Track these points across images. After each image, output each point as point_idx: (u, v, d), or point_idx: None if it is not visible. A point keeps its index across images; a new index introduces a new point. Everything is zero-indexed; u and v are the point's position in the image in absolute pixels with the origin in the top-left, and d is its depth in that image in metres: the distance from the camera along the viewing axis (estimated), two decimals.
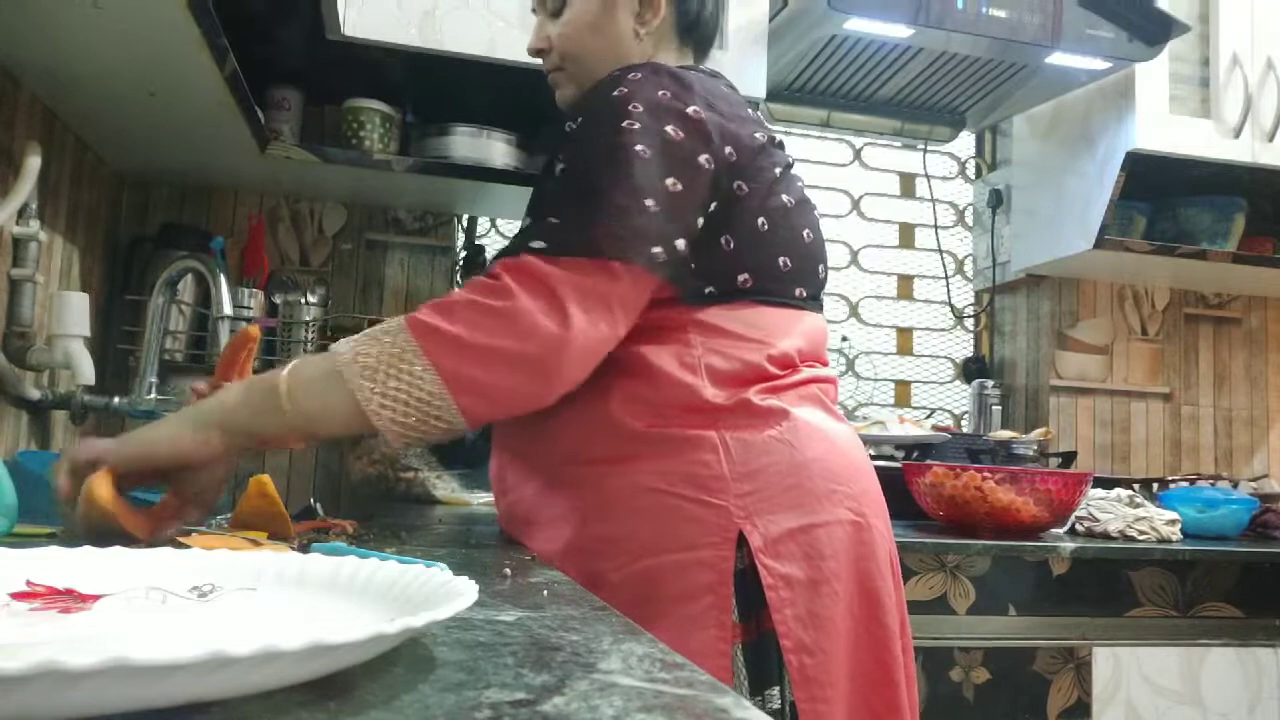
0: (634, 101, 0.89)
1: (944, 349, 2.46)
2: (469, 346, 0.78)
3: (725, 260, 0.92)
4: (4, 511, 0.77)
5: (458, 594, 0.45)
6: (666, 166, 0.87)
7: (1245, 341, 2.45)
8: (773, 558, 0.85)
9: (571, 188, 0.88)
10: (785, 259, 0.95)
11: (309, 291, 1.83)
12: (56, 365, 1.32)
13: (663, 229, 0.86)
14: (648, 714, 0.35)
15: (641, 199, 0.85)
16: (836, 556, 0.88)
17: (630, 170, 0.85)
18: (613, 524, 0.89)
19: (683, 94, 0.91)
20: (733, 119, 0.94)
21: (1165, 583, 1.59)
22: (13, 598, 0.49)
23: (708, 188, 0.90)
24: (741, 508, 0.86)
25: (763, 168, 0.95)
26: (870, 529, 0.92)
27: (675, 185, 0.87)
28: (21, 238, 1.26)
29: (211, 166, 1.73)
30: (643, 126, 0.87)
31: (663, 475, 0.88)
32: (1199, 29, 2.00)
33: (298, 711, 0.34)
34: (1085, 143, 2.09)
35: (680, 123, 0.89)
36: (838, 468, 0.92)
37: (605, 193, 0.85)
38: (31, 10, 1.04)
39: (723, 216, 0.92)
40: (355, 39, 1.55)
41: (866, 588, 0.90)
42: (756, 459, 0.88)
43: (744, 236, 0.93)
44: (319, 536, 0.87)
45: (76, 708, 0.31)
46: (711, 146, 0.90)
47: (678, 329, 0.91)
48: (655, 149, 0.87)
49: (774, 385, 0.93)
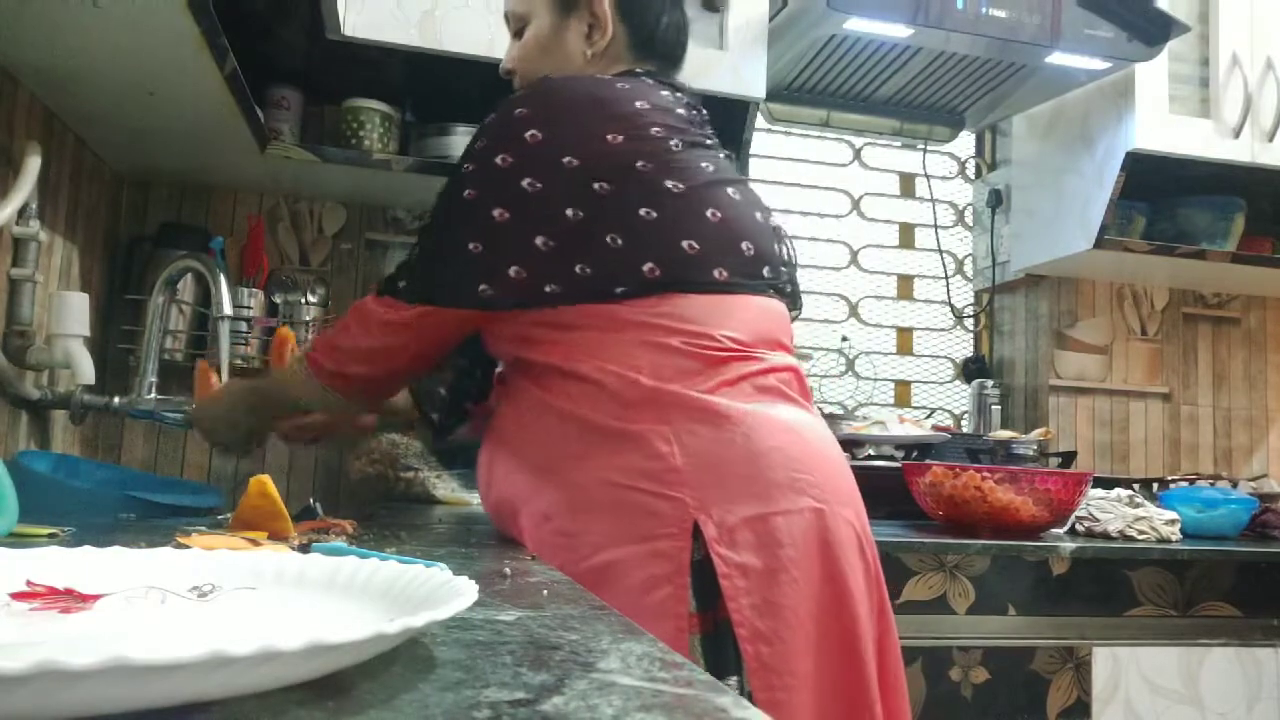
0: (483, 136, 0.99)
1: (944, 349, 2.46)
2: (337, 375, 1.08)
3: (622, 256, 0.94)
4: (4, 511, 0.77)
5: (458, 594, 0.45)
6: (492, 199, 0.95)
7: (1244, 341, 2.45)
8: (728, 547, 0.86)
9: (424, 233, 1.03)
10: (690, 242, 0.96)
11: (309, 291, 1.83)
12: (56, 365, 1.32)
13: (488, 266, 0.95)
14: (647, 713, 0.35)
15: (466, 244, 0.96)
16: (795, 544, 0.88)
17: (456, 216, 0.97)
18: (577, 518, 0.91)
19: (532, 115, 0.97)
20: (593, 121, 0.97)
21: (1165, 582, 1.59)
22: (13, 598, 0.49)
23: (548, 204, 0.94)
24: (696, 499, 0.88)
25: (629, 164, 0.96)
26: (834, 516, 0.92)
27: (502, 214, 0.94)
28: (21, 238, 1.26)
29: (211, 166, 1.73)
30: (477, 166, 0.98)
31: (621, 470, 0.90)
32: (1199, 29, 2.00)
33: (297, 711, 0.34)
34: (1085, 143, 2.09)
35: (511, 150, 0.96)
36: (799, 456, 0.93)
37: (440, 242, 0.99)
38: (31, 10, 1.04)
39: (596, 217, 0.94)
40: (355, 39, 1.55)
41: (832, 577, 0.90)
42: (710, 450, 0.90)
43: (630, 230, 0.94)
44: (319, 536, 0.87)
45: (76, 708, 0.31)
46: (539, 167, 0.95)
47: (613, 329, 0.94)
48: (482, 187, 0.96)
49: (726, 379, 0.94)
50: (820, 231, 2.39)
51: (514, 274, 0.94)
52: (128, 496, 1.07)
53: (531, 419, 0.98)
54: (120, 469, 1.50)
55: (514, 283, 0.95)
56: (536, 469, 0.97)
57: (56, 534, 0.80)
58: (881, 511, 0.99)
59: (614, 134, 0.97)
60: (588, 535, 0.90)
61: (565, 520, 0.92)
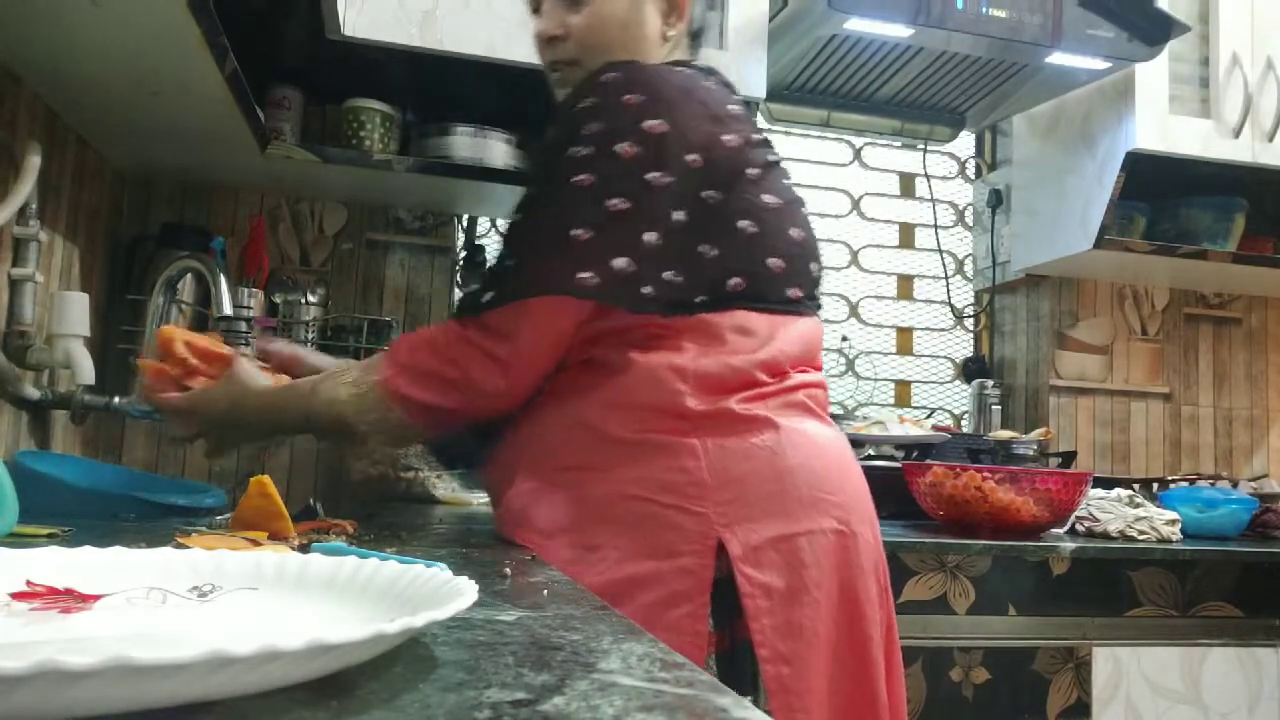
0: (593, 119, 0.91)
1: (944, 349, 2.46)
2: (439, 410, 0.93)
3: (711, 267, 0.92)
4: (4, 511, 0.76)
5: (458, 594, 0.45)
6: (610, 189, 0.89)
7: (1245, 341, 2.45)
8: (753, 566, 0.85)
9: (519, 226, 0.95)
10: (776, 260, 0.94)
11: (309, 291, 1.83)
12: (56, 365, 1.32)
13: (593, 253, 0.88)
14: (648, 713, 0.35)
15: (569, 230, 0.89)
16: (819, 565, 0.87)
17: (564, 203, 0.90)
18: (594, 530, 0.89)
19: (648, 103, 0.91)
20: (705, 121, 0.93)
21: (1165, 583, 1.59)
22: (13, 598, 0.49)
23: (665, 202, 0.90)
24: (722, 515, 0.86)
25: (739, 170, 0.94)
26: (855, 537, 0.91)
27: (619, 205, 0.88)
28: (22, 238, 1.26)
29: (212, 166, 1.73)
30: (592, 151, 0.90)
31: (642, 482, 0.88)
32: (1199, 29, 2.00)
33: (299, 711, 0.34)
34: (1085, 142, 2.09)
35: (634, 138, 0.89)
36: (824, 475, 0.92)
37: (540, 231, 0.92)
38: (32, 10, 1.04)
39: (697, 225, 0.91)
40: (355, 39, 1.55)
41: (849, 597, 0.90)
42: (737, 466, 0.88)
43: (727, 242, 0.92)
44: (319, 536, 0.87)
45: (77, 708, 0.31)
46: (667, 162, 0.90)
47: (671, 335, 0.91)
48: (600, 173, 0.89)
49: (760, 393, 0.92)
50: (820, 231, 2.38)
51: (620, 266, 0.89)
52: (128, 496, 1.07)
53: (549, 429, 0.95)
54: (120, 469, 1.50)
55: (618, 275, 0.89)
56: (552, 479, 0.94)
57: (56, 534, 0.80)
58: (882, 511, 0.99)
59: (729, 136, 0.94)
60: (606, 549, 0.88)
61: (582, 532, 0.90)
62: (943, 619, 1.49)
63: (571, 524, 0.90)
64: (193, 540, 0.71)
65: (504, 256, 0.94)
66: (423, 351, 0.93)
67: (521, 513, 0.96)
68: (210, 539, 0.72)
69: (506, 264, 0.93)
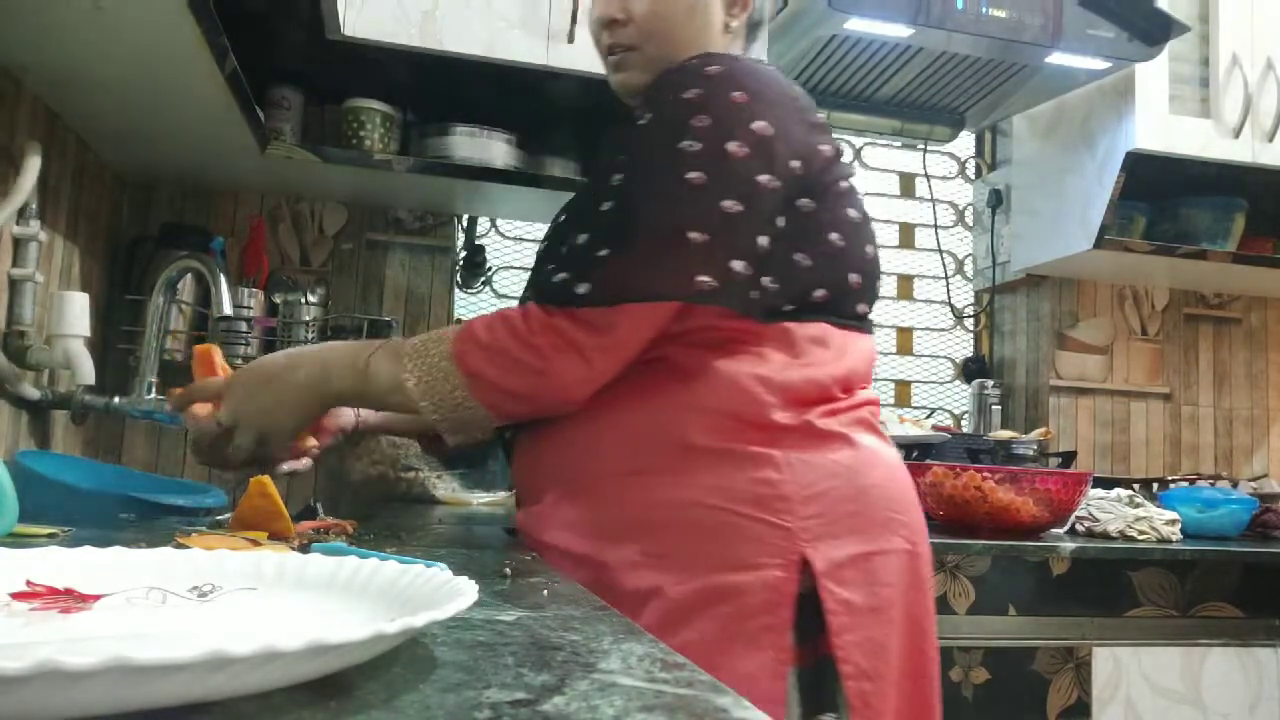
0: (701, 112, 0.86)
1: (944, 349, 2.46)
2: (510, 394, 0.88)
3: (803, 277, 0.90)
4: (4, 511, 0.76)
5: (458, 594, 0.45)
6: (724, 189, 0.85)
7: (1245, 341, 2.45)
8: (836, 583, 0.84)
9: (619, 215, 0.87)
10: (855, 275, 0.93)
11: (309, 291, 1.83)
12: (56, 365, 1.32)
13: (711, 256, 0.84)
14: (648, 714, 0.35)
15: (685, 232, 0.84)
16: (892, 584, 0.87)
17: (679, 200, 0.85)
18: (665, 536, 0.86)
19: (754, 103, 0.88)
20: (803, 128, 0.91)
21: (1165, 583, 1.59)
22: (13, 598, 0.49)
23: (772, 207, 0.88)
24: (806, 530, 0.85)
25: (831, 181, 0.92)
26: (920, 558, 0.92)
27: (733, 207, 0.85)
28: (22, 238, 1.26)
29: (212, 166, 1.73)
30: (703, 147, 0.85)
31: (721, 491, 0.85)
32: (1199, 29, 2.00)
33: (298, 711, 0.34)
34: (1085, 142, 2.09)
35: (745, 139, 0.86)
36: (895, 495, 0.91)
37: (649, 227, 0.85)
38: (32, 11, 1.04)
39: (794, 233, 0.89)
40: (355, 39, 1.55)
41: (914, 616, 0.90)
42: (820, 482, 0.87)
43: (819, 253, 0.91)
44: (319, 536, 0.87)
45: (76, 708, 0.31)
46: (775, 164, 0.87)
47: (751, 341, 0.89)
48: (713, 172, 0.85)
49: (834, 408, 0.91)
50: None
51: (737, 269, 0.85)
52: (128, 496, 1.07)
53: (610, 430, 0.90)
54: (120, 469, 1.50)
55: (736, 279, 0.86)
56: (614, 483, 0.89)
57: (56, 534, 0.80)
58: None
59: (825, 147, 0.93)
60: (678, 556, 0.85)
61: (652, 538, 0.86)
62: (943, 619, 1.49)
63: (639, 529, 0.87)
64: (193, 540, 0.71)
65: (592, 243, 0.87)
66: (501, 331, 0.87)
67: (573, 515, 0.91)
68: (210, 539, 0.72)
69: (599, 254, 0.86)
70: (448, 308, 2.01)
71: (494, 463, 1.77)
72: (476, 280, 2.10)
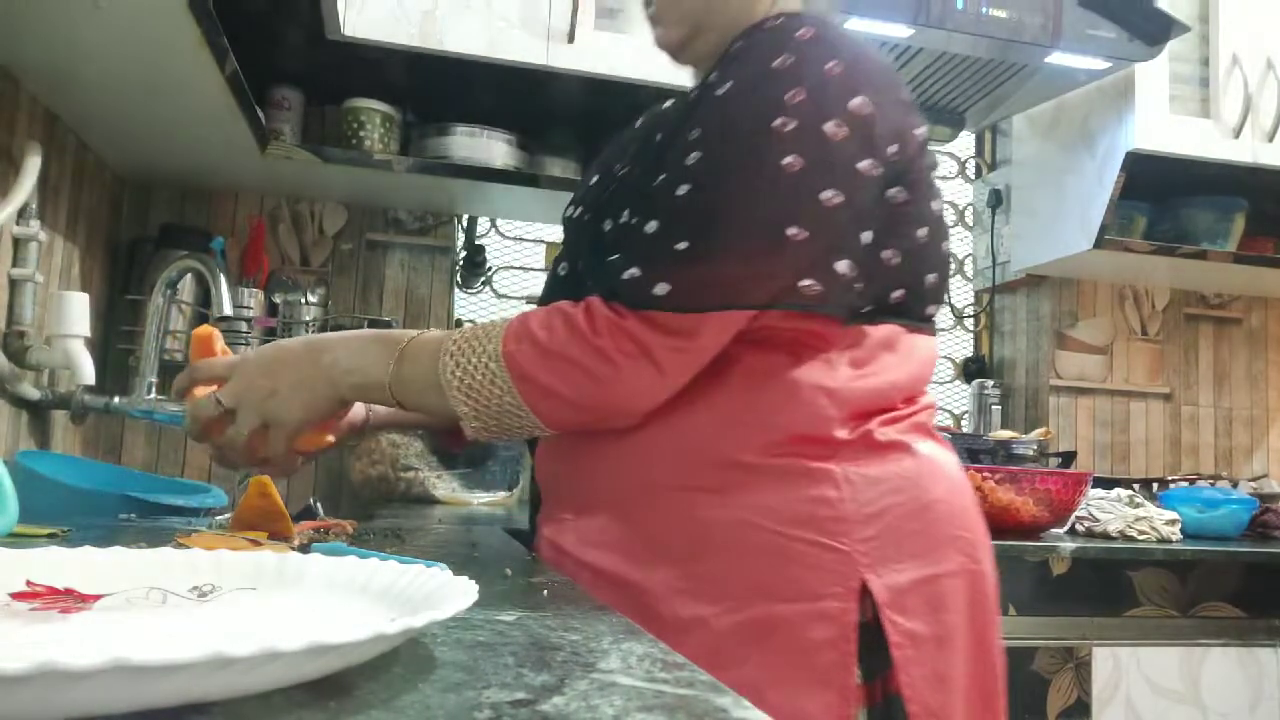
0: (795, 86, 0.75)
1: (944, 349, 2.46)
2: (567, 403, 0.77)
3: (887, 277, 0.81)
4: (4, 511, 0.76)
5: (458, 594, 0.45)
6: (824, 177, 0.75)
7: (1245, 341, 2.45)
8: (899, 612, 0.76)
9: (701, 204, 0.76)
10: (933, 275, 0.84)
11: (309, 291, 1.83)
12: (56, 365, 1.32)
13: (814, 256, 0.75)
14: (648, 713, 0.35)
15: (784, 228, 0.74)
16: (958, 609, 0.80)
17: (775, 190, 0.74)
18: (708, 561, 0.77)
19: (851, 75, 0.77)
20: (899, 106, 0.81)
21: (1165, 583, 1.59)
22: (13, 598, 0.49)
23: (873, 197, 0.78)
24: (865, 554, 0.76)
25: (922, 169, 0.83)
26: (984, 577, 0.84)
27: (834, 198, 0.75)
28: (21, 238, 1.26)
29: (212, 167, 1.73)
30: (798, 126, 0.74)
31: (772, 511, 0.77)
32: (1199, 29, 2.00)
33: (298, 711, 0.34)
34: (1085, 142, 2.09)
35: (844, 118, 0.75)
36: (958, 510, 0.83)
37: (741, 221, 0.75)
38: (32, 11, 1.04)
39: (885, 228, 0.80)
40: (355, 39, 1.55)
41: (981, 640, 0.83)
42: (881, 499, 0.78)
43: (907, 250, 0.81)
44: (319, 536, 0.87)
45: (76, 708, 0.31)
46: (876, 148, 0.77)
47: (821, 346, 0.80)
48: (811, 157, 0.74)
49: (894, 416, 0.82)
50: None
51: (843, 271, 0.76)
52: (128, 496, 1.07)
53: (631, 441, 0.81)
54: (120, 469, 1.50)
55: (841, 282, 0.77)
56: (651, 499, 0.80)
57: (56, 534, 0.80)
58: None
59: (919, 130, 0.82)
60: (724, 583, 0.76)
61: (694, 561, 0.77)
62: None
63: (680, 550, 0.78)
64: (193, 540, 0.71)
65: (667, 233, 0.76)
66: (562, 331, 0.75)
67: (607, 531, 0.82)
68: (210, 539, 0.72)
69: (677, 248, 0.75)
70: (448, 308, 2.01)
71: (494, 463, 1.78)
72: (476, 280, 2.10)
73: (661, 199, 0.77)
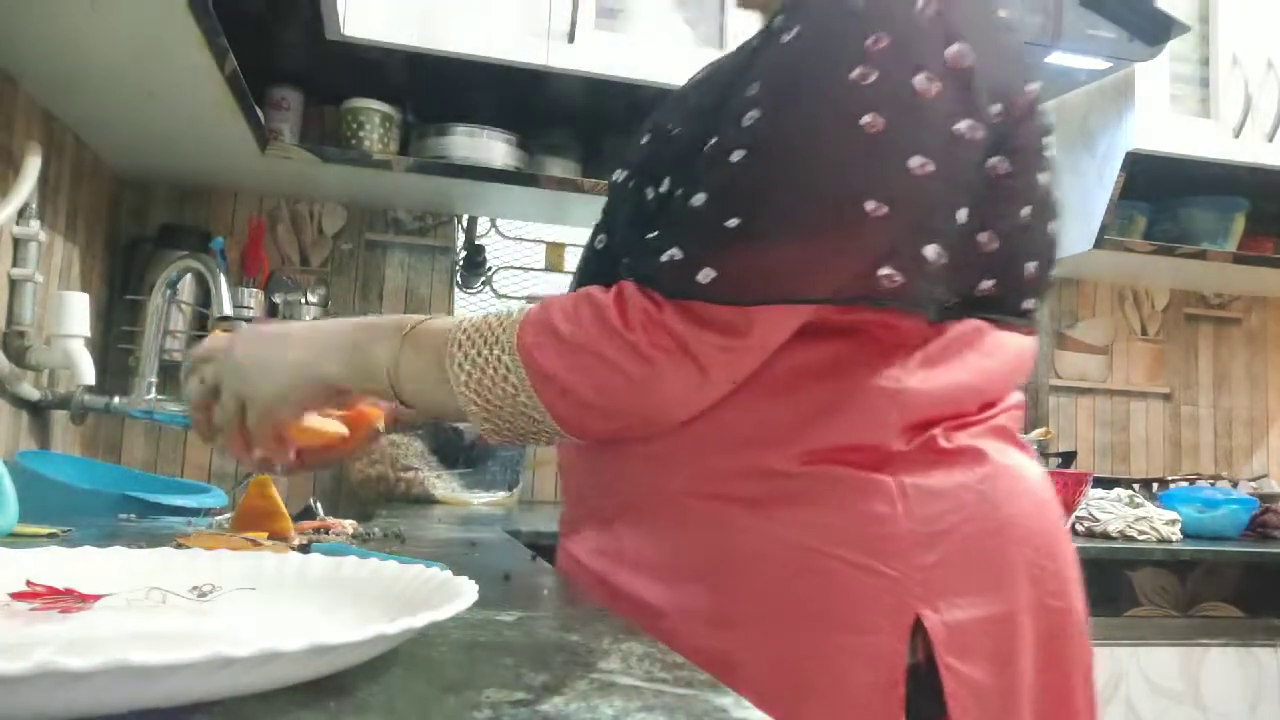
0: (878, 30, 0.62)
1: None
2: (592, 408, 0.65)
3: (980, 264, 0.68)
4: (4, 511, 0.76)
5: (458, 594, 0.45)
6: (910, 141, 0.62)
7: (1245, 341, 2.45)
8: (958, 655, 0.64)
9: (758, 172, 0.63)
10: (1032, 263, 0.70)
11: (309, 291, 1.83)
12: (56, 365, 1.32)
13: (894, 238, 0.62)
14: (648, 714, 0.35)
15: (860, 203, 0.61)
16: (1032, 657, 0.67)
17: (851, 156, 0.61)
18: (740, 585, 0.67)
19: (947, 16, 0.64)
20: (1006, 59, 0.67)
21: (1165, 583, 1.59)
22: (13, 598, 0.49)
23: (972, 167, 0.65)
24: (921, 583, 0.64)
25: (1030, 133, 0.69)
26: (1070, 618, 0.70)
27: (924, 167, 0.61)
28: (21, 238, 1.26)
29: (211, 166, 1.73)
30: (881, 78, 0.61)
31: (817, 528, 0.66)
32: (1199, 29, 2.00)
33: (298, 712, 0.34)
34: (1085, 142, 2.09)
35: (937, 70, 0.62)
36: (1040, 532, 0.70)
37: (807, 194, 0.62)
38: (31, 11, 1.04)
39: (983, 205, 0.66)
40: (355, 39, 1.55)
41: (1062, 698, 0.69)
42: (944, 516, 0.66)
43: (1006, 233, 0.68)
44: (319, 536, 0.87)
45: (76, 708, 0.31)
46: (976, 107, 0.64)
47: (890, 338, 0.68)
48: (895, 116, 0.61)
49: (966, 420, 0.70)
50: None
51: (932, 256, 0.63)
52: (128, 496, 1.07)
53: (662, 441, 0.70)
54: (120, 469, 1.50)
55: (929, 270, 0.63)
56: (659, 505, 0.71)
57: (56, 534, 0.80)
58: None
59: (1031, 85, 0.68)
60: (753, 609, 0.66)
61: (720, 582, 0.67)
62: None
63: (703, 570, 0.68)
64: (193, 540, 0.71)
65: (716, 207, 0.63)
66: (589, 322, 0.64)
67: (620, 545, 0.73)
68: (210, 539, 0.72)
69: (727, 225, 0.62)
70: (448, 308, 2.01)
71: (494, 463, 1.78)
72: (476, 280, 2.10)
73: (712, 166, 0.64)
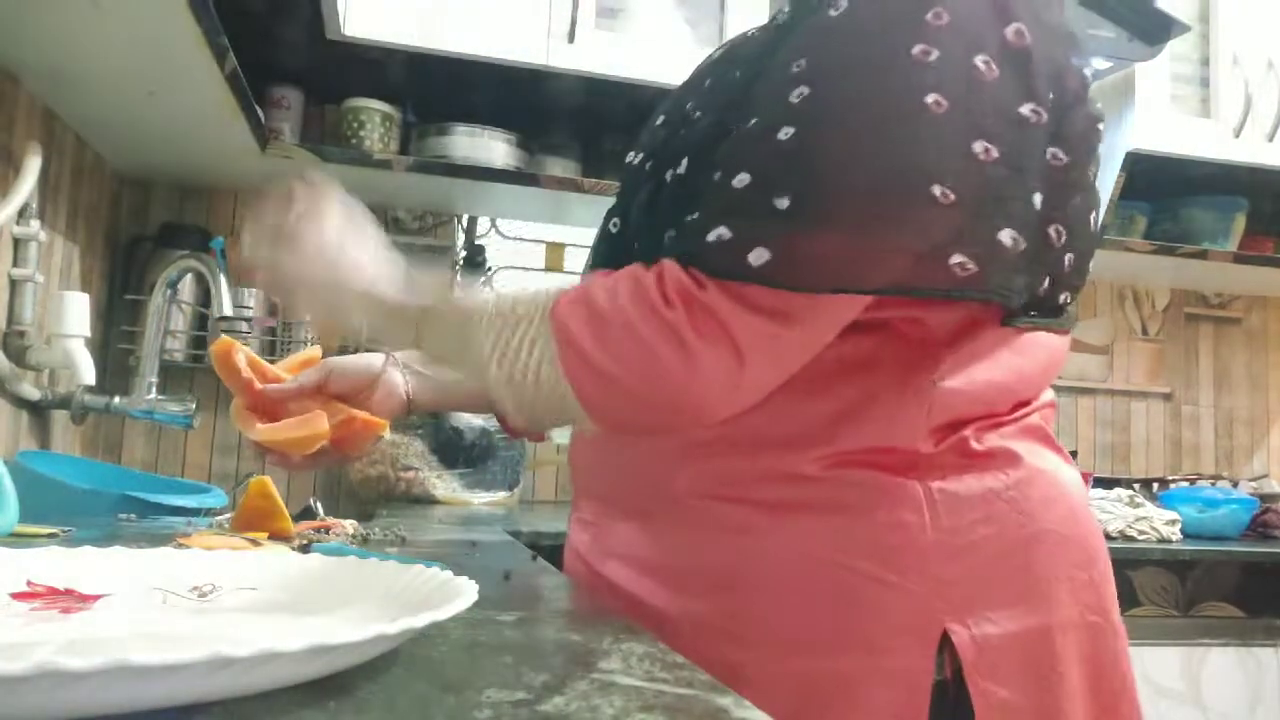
0: (938, 5, 0.58)
1: None
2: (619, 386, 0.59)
3: (1053, 258, 0.62)
4: (4, 511, 0.77)
5: (458, 594, 0.45)
6: (977, 122, 0.57)
7: (1246, 341, 2.45)
8: (988, 675, 0.60)
9: (810, 151, 0.57)
10: (1071, 255, 0.63)
11: None
12: (56, 365, 1.32)
13: (968, 223, 0.57)
14: (648, 713, 0.35)
15: (927, 185, 0.56)
16: (1070, 675, 0.64)
17: (914, 137, 0.56)
18: (753, 595, 0.63)
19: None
20: (1056, 34, 0.62)
21: (1165, 582, 1.59)
22: (13, 598, 0.49)
23: (1040, 151, 0.60)
24: (948, 596, 0.61)
25: (1082, 119, 0.63)
26: (1111, 635, 0.69)
27: (990, 151, 0.57)
28: (22, 238, 1.26)
29: (212, 166, 1.73)
30: (943, 56, 0.57)
31: (838, 537, 0.62)
32: (1199, 29, 2.00)
33: (298, 711, 0.34)
34: None
35: (995, 49, 0.58)
36: (1077, 541, 0.67)
37: (868, 175, 0.56)
38: (31, 10, 1.04)
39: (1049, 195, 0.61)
40: (355, 39, 1.55)
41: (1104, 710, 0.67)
42: (974, 526, 0.63)
43: (1067, 225, 0.63)
44: (319, 536, 0.87)
45: (77, 708, 0.31)
46: (1035, 91, 0.59)
47: (917, 333, 0.64)
48: (957, 99, 0.57)
49: (997, 421, 0.67)
50: None
51: (1007, 244, 0.58)
52: (128, 496, 1.07)
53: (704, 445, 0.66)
54: (120, 469, 1.50)
55: (1004, 258, 0.58)
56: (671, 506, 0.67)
57: (56, 534, 0.80)
58: None
59: (1084, 66, 0.63)
60: (769, 624, 0.63)
61: (730, 594, 0.64)
62: None
63: (714, 577, 0.65)
64: (193, 540, 0.71)
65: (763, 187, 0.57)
66: (626, 296, 0.58)
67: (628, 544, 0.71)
68: (210, 539, 0.72)
69: (777, 205, 0.56)
70: None
71: (494, 463, 1.78)
72: (476, 280, 2.10)
73: (755, 146, 0.59)
